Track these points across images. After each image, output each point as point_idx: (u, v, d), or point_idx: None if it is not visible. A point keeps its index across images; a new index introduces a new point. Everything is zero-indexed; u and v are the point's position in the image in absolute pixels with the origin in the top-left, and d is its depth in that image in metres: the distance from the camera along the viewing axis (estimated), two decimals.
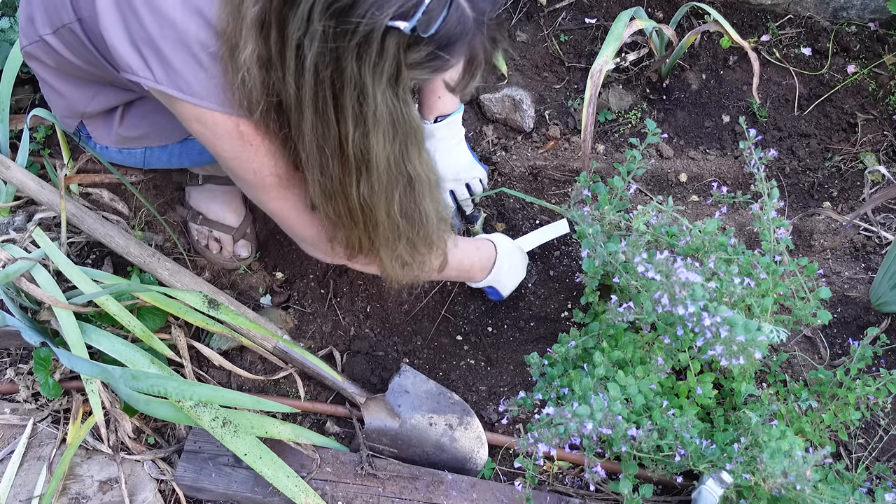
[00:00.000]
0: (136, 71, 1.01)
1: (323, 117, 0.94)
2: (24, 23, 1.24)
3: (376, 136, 0.95)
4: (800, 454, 1.17)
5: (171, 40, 0.98)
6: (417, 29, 0.84)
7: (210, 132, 1.05)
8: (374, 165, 0.99)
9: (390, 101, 0.93)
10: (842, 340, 1.62)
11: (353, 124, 0.94)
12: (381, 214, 1.06)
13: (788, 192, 1.85)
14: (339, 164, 0.99)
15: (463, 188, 1.71)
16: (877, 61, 1.95)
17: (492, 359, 1.63)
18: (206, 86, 1.00)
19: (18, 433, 1.46)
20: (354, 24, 0.83)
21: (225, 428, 1.33)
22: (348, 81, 0.89)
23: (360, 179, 1.01)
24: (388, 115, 0.94)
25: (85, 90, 1.32)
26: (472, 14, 0.90)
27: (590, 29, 2.03)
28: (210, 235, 1.66)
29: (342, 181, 1.02)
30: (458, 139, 1.66)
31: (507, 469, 1.50)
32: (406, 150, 1.01)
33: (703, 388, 1.36)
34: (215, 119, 1.03)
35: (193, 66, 0.99)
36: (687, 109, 1.95)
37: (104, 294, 1.43)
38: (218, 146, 1.07)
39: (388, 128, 0.95)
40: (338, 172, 1.01)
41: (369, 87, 0.90)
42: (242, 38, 0.92)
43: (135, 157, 1.45)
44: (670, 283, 1.18)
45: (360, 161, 0.98)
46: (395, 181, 1.03)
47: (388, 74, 0.89)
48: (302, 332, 1.63)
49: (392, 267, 1.18)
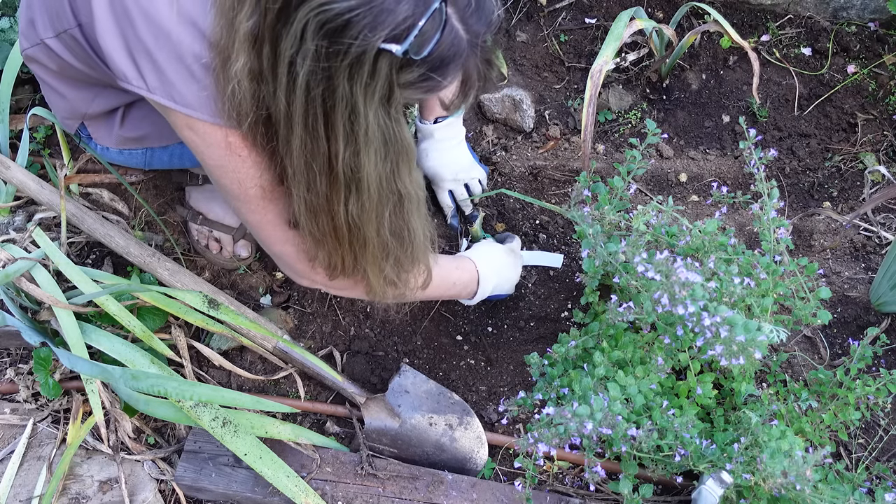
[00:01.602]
0: (131, 80, 1.02)
1: (312, 134, 0.94)
2: (24, 26, 1.23)
3: (367, 155, 0.95)
4: (800, 454, 1.17)
5: (165, 51, 0.98)
6: (410, 51, 0.84)
7: (200, 140, 1.05)
8: (365, 185, 0.98)
9: (382, 121, 0.92)
10: (842, 340, 1.62)
11: (343, 142, 0.93)
12: (370, 233, 1.06)
13: (788, 192, 1.85)
14: (326, 181, 0.99)
15: (462, 188, 1.71)
16: (877, 61, 1.95)
17: (492, 359, 1.63)
18: (199, 97, 1.00)
19: (18, 433, 1.46)
20: (347, 44, 0.83)
21: (225, 428, 1.33)
22: (340, 100, 0.89)
23: (348, 197, 1.01)
24: (379, 135, 0.94)
25: (86, 92, 1.32)
26: (465, 36, 0.89)
27: (590, 29, 2.03)
28: (210, 235, 1.66)
29: (329, 198, 1.01)
30: (458, 139, 1.67)
31: (507, 469, 1.50)
32: (397, 169, 1.00)
33: (703, 388, 1.36)
34: (205, 129, 1.03)
35: (186, 77, 0.99)
36: (687, 109, 1.95)
37: (104, 294, 1.43)
38: (206, 154, 1.07)
39: (379, 147, 0.95)
40: (325, 189, 1.00)
41: (361, 107, 0.89)
42: (235, 51, 0.91)
43: (136, 157, 1.45)
44: (670, 283, 1.18)
45: (350, 179, 0.98)
46: (385, 200, 1.03)
47: (381, 94, 0.89)
48: (302, 332, 1.63)
49: (380, 286, 1.17)
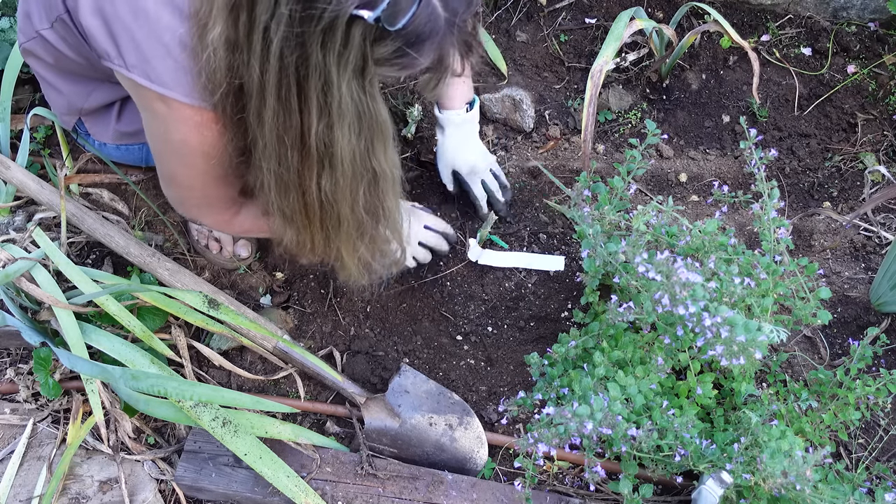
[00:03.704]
0: (113, 59, 1.02)
1: (286, 105, 0.93)
2: (21, 20, 1.24)
3: (341, 129, 0.94)
4: (800, 454, 1.17)
5: (144, 28, 0.99)
6: (382, 20, 0.84)
7: (170, 114, 1.05)
8: (339, 160, 0.98)
9: (356, 94, 0.92)
10: (842, 340, 1.62)
11: (316, 115, 0.93)
12: (344, 210, 1.05)
13: (788, 192, 1.85)
14: (299, 155, 0.98)
15: (479, 183, 1.70)
16: (877, 61, 1.95)
17: (492, 359, 1.63)
18: (174, 76, 1.00)
19: (18, 433, 1.46)
20: (320, 9, 0.83)
21: (225, 428, 1.33)
22: (313, 70, 0.88)
23: (321, 174, 1.00)
24: (353, 108, 0.93)
25: (82, 86, 1.32)
26: (443, 14, 0.89)
27: (590, 29, 2.03)
28: (210, 235, 1.66)
29: (300, 174, 1.00)
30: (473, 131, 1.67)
31: (507, 469, 1.50)
32: (372, 146, 1.00)
33: (703, 388, 1.36)
34: (178, 107, 1.03)
35: (163, 54, 0.99)
36: (687, 109, 1.95)
37: (104, 294, 1.43)
38: (171, 129, 1.07)
39: (353, 121, 0.94)
40: (297, 164, 0.99)
41: (334, 77, 0.89)
42: (212, 19, 0.91)
43: (133, 153, 1.45)
44: (670, 283, 1.18)
45: (324, 154, 0.97)
46: (359, 177, 1.02)
47: (354, 65, 0.88)
48: (302, 332, 1.63)
49: (355, 265, 1.16)
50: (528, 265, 1.69)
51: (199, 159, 1.11)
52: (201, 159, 1.11)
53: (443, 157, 1.67)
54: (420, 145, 1.84)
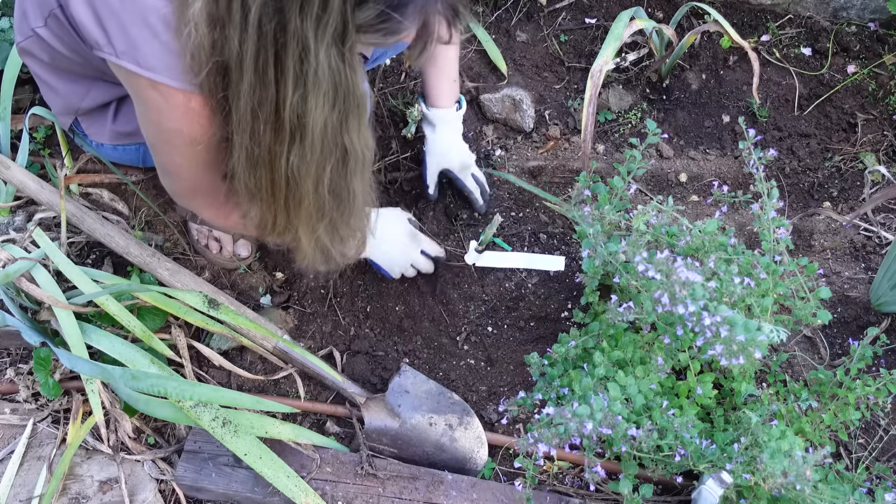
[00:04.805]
0: (103, 47, 1.02)
1: (262, 77, 0.92)
2: (18, 19, 1.24)
3: (315, 99, 0.92)
4: (800, 454, 1.17)
5: (130, 12, 0.98)
6: None
7: (163, 101, 1.04)
8: (310, 132, 0.96)
9: (334, 63, 0.90)
10: (842, 340, 1.62)
11: (292, 86, 0.91)
12: (307, 187, 1.03)
13: (788, 192, 1.85)
14: (271, 129, 0.97)
15: (470, 178, 1.71)
16: (877, 61, 1.95)
17: (492, 359, 1.63)
18: (163, 60, 0.99)
19: (18, 433, 1.46)
20: None
21: (225, 428, 1.33)
22: (291, 38, 0.87)
23: (291, 148, 0.98)
24: (329, 77, 0.91)
25: (78, 86, 1.32)
26: None
27: (590, 29, 2.03)
28: (210, 235, 1.66)
29: (271, 149, 0.99)
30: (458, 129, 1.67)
31: (507, 469, 1.50)
32: (346, 120, 0.98)
33: (703, 388, 1.36)
34: (169, 92, 1.02)
35: (149, 37, 0.98)
36: (687, 109, 1.95)
37: (104, 294, 1.43)
38: (164, 116, 1.06)
39: (328, 91, 0.92)
40: (269, 139, 0.98)
41: (311, 43, 0.87)
42: None
43: (130, 153, 1.45)
44: (670, 283, 1.18)
45: (296, 127, 0.95)
46: (329, 152, 1.00)
47: (333, 31, 0.87)
48: (302, 332, 1.63)
49: (311, 248, 1.14)
50: (529, 265, 1.69)
51: (190, 147, 1.10)
52: (192, 147, 1.10)
53: (434, 154, 1.67)
54: (420, 145, 1.84)
